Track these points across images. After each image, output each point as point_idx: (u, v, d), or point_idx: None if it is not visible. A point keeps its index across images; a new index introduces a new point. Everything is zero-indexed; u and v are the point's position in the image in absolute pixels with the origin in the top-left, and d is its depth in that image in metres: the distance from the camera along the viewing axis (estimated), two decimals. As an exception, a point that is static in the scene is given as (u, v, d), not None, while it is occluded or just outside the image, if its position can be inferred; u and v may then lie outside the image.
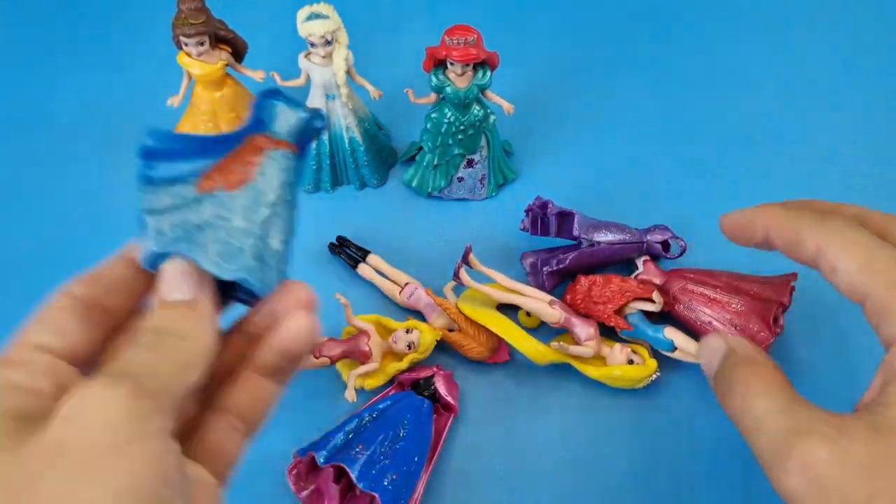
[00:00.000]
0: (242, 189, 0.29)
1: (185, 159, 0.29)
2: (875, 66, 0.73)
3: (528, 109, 0.68)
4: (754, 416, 0.26)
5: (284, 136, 0.30)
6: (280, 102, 0.30)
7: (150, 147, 0.28)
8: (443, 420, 0.48)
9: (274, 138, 0.30)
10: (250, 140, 0.30)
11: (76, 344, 0.27)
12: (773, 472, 0.25)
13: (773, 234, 0.30)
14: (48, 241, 0.60)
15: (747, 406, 0.27)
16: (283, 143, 0.30)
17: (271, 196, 0.29)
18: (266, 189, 0.29)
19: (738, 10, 0.80)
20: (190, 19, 0.54)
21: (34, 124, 0.68)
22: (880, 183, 0.64)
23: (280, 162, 0.30)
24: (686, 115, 0.70)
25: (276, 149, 0.29)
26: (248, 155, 0.29)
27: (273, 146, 0.29)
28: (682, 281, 0.52)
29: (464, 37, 0.52)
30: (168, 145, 0.29)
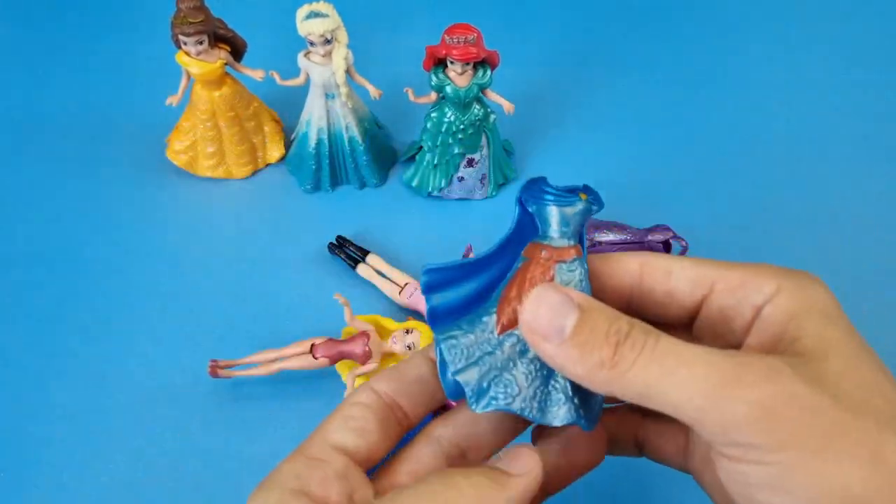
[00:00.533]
0: None
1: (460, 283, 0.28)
2: (877, 66, 0.73)
3: (529, 108, 0.68)
4: None
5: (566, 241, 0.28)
6: (552, 202, 0.28)
7: (429, 281, 0.28)
8: None
9: (556, 248, 0.28)
10: (531, 254, 0.28)
11: (372, 447, 0.26)
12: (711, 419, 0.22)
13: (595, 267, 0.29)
14: (46, 240, 0.59)
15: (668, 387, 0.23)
16: (568, 252, 0.27)
17: None
18: None
19: (739, 9, 0.80)
20: (189, 18, 0.54)
21: (31, 124, 0.68)
22: (881, 182, 0.64)
23: (571, 274, 0.27)
24: (687, 114, 0.69)
25: (563, 261, 0.27)
26: (538, 277, 0.27)
27: (559, 258, 0.27)
28: None
29: (464, 35, 0.52)
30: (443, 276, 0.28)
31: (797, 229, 0.60)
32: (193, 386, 0.51)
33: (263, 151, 0.64)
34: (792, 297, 0.25)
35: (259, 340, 0.53)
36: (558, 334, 0.24)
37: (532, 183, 0.29)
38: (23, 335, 0.54)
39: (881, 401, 0.22)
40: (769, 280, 0.26)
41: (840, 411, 0.21)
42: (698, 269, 0.27)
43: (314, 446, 0.26)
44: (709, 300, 0.27)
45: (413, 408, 0.28)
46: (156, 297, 0.56)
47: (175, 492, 0.47)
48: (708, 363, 0.22)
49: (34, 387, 0.51)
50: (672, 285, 0.27)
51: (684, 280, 0.27)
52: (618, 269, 0.28)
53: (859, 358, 0.24)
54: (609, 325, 0.24)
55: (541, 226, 0.28)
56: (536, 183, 0.29)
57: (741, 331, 0.26)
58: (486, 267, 0.28)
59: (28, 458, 0.48)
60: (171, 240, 0.59)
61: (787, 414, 0.21)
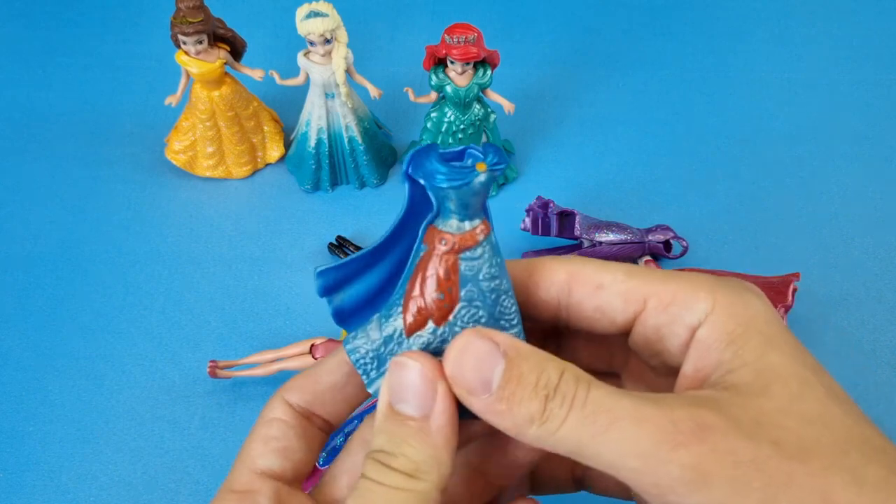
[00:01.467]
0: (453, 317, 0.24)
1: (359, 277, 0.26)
2: (879, 66, 0.73)
3: (529, 108, 0.68)
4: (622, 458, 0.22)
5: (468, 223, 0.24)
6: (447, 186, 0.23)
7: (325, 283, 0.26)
8: None
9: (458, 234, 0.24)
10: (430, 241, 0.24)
11: (298, 464, 0.25)
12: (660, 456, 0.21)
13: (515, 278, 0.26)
14: (45, 240, 0.59)
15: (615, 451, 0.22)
16: (471, 237, 0.24)
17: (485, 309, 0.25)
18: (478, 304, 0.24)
19: (740, 8, 0.80)
20: (188, 17, 0.53)
21: (30, 123, 0.68)
22: (882, 182, 0.64)
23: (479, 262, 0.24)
24: (688, 114, 0.69)
25: (467, 248, 0.24)
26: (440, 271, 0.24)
27: (462, 246, 0.24)
28: None
29: (464, 35, 0.52)
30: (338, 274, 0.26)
31: (797, 229, 0.60)
32: (193, 386, 0.51)
33: (263, 151, 0.64)
34: (728, 316, 0.23)
35: (258, 340, 0.53)
36: (485, 388, 0.22)
37: (420, 155, 0.24)
38: (22, 335, 0.54)
39: (827, 436, 0.21)
40: (703, 296, 0.24)
41: (782, 460, 0.20)
42: (630, 283, 0.25)
43: (240, 478, 0.24)
44: (642, 318, 0.25)
45: (332, 415, 0.27)
46: (155, 297, 0.56)
47: (174, 492, 0.47)
48: (639, 420, 0.21)
49: (34, 387, 0.51)
50: (602, 300, 0.25)
51: (615, 295, 0.25)
52: (544, 279, 0.26)
53: (805, 385, 0.22)
54: (538, 376, 0.22)
55: (436, 205, 0.24)
56: (425, 154, 0.24)
57: (678, 351, 0.24)
58: (385, 253, 0.26)
59: (28, 458, 0.48)
60: (171, 240, 0.59)
61: (724, 474, 0.20)
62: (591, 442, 0.21)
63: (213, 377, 0.50)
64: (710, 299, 0.24)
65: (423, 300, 0.25)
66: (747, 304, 0.24)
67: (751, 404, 0.21)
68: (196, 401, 0.51)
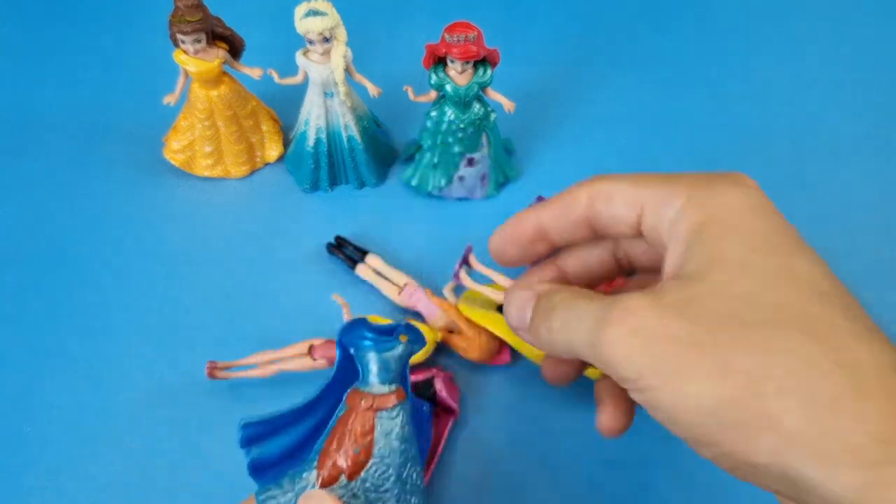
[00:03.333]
0: (365, 472, 0.27)
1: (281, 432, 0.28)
2: (879, 65, 0.73)
3: (530, 107, 0.68)
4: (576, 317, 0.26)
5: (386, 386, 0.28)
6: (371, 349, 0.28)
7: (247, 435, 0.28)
8: (443, 422, 0.48)
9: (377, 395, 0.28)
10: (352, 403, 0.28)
11: None
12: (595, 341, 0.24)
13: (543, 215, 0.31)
14: (43, 240, 0.59)
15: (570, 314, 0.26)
16: (388, 399, 0.28)
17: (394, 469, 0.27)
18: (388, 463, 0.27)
19: (741, 7, 0.80)
20: (187, 16, 0.53)
21: (27, 123, 0.67)
22: (884, 182, 0.63)
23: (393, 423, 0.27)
24: (689, 113, 0.69)
25: (384, 409, 0.28)
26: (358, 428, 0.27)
27: (379, 406, 0.28)
28: None
29: (464, 34, 0.52)
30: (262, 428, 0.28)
31: (801, 226, 0.60)
32: (191, 387, 0.51)
33: (262, 151, 0.64)
34: (696, 210, 0.25)
35: (257, 341, 0.53)
36: (524, 323, 0.28)
37: (351, 326, 0.29)
38: (20, 335, 0.53)
39: (749, 311, 0.23)
40: (680, 191, 0.26)
41: (697, 333, 0.22)
42: (632, 190, 0.27)
43: None
44: (643, 221, 0.27)
45: None
46: (153, 297, 0.56)
47: (172, 493, 0.47)
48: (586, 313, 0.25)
49: (32, 387, 0.51)
50: (613, 210, 0.28)
51: (621, 204, 0.28)
52: (571, 203, 0.30)
53: (744, 268, 0.24)
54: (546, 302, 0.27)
55: (361, 371, 0.28)
56: (355, 326, 0.29)
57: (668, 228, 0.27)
58: (310, 413, 0.28)
59: (25, 458, 0.48)
60: (169, 240, 0.59)
61: (644, 349, 0.23)
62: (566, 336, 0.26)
63: (211, 378, 0.49)
64: (684, 195, 0.26)
65: (339, 454, 0.27)
66: (719, 194, 0.26)
67: (686, 288, 0.24)
68: (194, 402, 0.50)
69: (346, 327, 0.29)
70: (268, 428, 0.29)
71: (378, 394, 0.28)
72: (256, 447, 0.28)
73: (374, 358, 0.28)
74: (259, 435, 0.28)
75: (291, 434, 0.29)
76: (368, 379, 0.28)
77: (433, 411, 0.47)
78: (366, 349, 0.28)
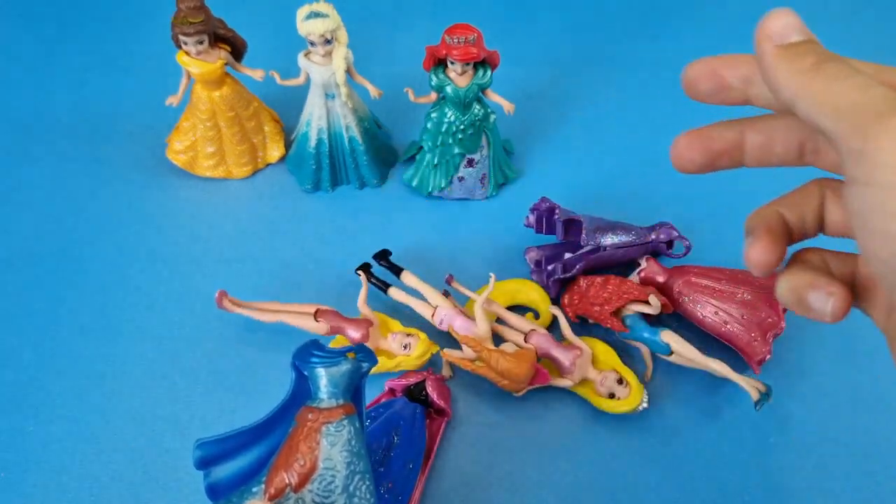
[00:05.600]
0: (311, 483, 0.27)
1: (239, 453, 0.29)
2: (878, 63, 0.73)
3: (529, 108, 0.68)
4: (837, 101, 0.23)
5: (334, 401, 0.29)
6: (318, 364, 0.29)
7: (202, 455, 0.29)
8: (436, 424, 0.48)
9: (324, 409, 0.29)
10: (301, 419, 0.29)
11: None
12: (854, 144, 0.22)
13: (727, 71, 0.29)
14: (46, 240, 0.59)
15: None
16: (335, 413, 0.29)
17: (340, 480, 0.28)
18: (334, 474, 0.28)
19: (740, 8, 0.80)
20: (189, 18, 0.54)
21: (31, 124, 0.68)
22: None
23: (338, 435, 0.28)
24: (688, 113, 0.69)
25: (330, 422, 0.29)
26: (304, 441, 0.28)
27: (325, 420, 0.29)
28: (686, 275, 0.52)
29: (464, 35, 0.52)
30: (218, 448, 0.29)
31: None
32: (193, 386, 0.51)
33: (263, 151, 0.64)
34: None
35: (258, 340, 0.53)
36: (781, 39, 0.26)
37: (303, 347, 0.30)
38: (24, 334, 0.54)
39: None
40: None
41: None
42: None
43: None
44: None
45: None
46: (155, 296, 0.56)
47: (174, 491, 0.47)
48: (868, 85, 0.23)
49: (35, 386, 0.51)
50: None
51: None
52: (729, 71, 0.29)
53: None
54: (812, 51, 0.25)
55: (312, 388, 0.29)
56: (305, 347, 0.30)
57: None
58: (267, 432, 0.29)
59: (28, 457, 0.48)
60: (171, 240, 0.59)
61: None
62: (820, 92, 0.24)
63: (218, 306, 0.51)
64: None
65: (287, 468, 0.28)
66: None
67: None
68: (196, 400, 0.51)
69: (298, 350, 0.30)
70: (223, 448, 0.29)
71: (325, 408, 0.29)
72: (214, 469, 0.29)
73: (321, 373, 0.29)
74: (215, 456, 0.29)
75: (248, 456, 0.30)
76: (318, 394, 0.29)
77: (426, 413, 0.48)
78: (314, 365, 0.29)
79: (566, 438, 0.49)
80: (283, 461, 0.28)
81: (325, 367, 0.29)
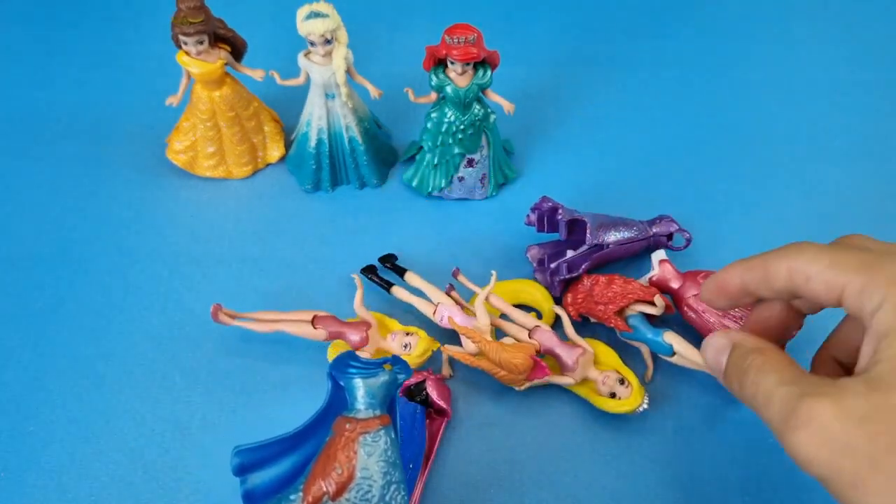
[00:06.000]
0: (348, 493, 0.28)
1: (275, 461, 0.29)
2: (878, 65, 0.73)
3: (529, 108, 0.68)
4: (765, 392, 0.28)
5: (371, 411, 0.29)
6: (356, 375, 0.29)
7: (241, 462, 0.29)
8: (436, 424, 0.48)
9: (361, 420, 0.29)
10: (338, 428, 0.29)
11: None
12: (783, 434, 0.26)
13: (747, 277, 0.32)
14: (46, 240, 0.59)
15: (759, 386, 0.28)
16: (372, 423, 0.29)
17: (377, 489, 0.28)
18: (371, 483, 0.28)
19: (740, 8, 0.80)
20: (189, 18, 0.54)
21: (31, 124, 0.68)
22: (881, 182, 0.64)
23: (375, 445, 0.29)
24: (688, 113, 0.69)
25: (367, 432, 0.29)
26: (342, 450, 0.28)
27: (363, 430, 0.29)
28: (697, 288, 0.51)
29: (464, 35, 0.52)
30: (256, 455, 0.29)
31: (797, 229, 0.60)
32: (193, 386, 0.51)
33: (263, 151, 0.64)
34: (891, 313, 0.26)
35: (258, 340, 0.53)
36: (719, 369, 0.32)
37: (339, 358, 0.30)
38: (22, 335, 0.54)
39: None
40: (881, 283, 0.27)
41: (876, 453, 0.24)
42: (831, 274, 0.28)
43: None
44: (844, 304, 0.28)
45: None
46: (155, 297, 0.56)
47: (175, 492, 0.47)
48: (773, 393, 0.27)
49: (34, 387, 0.51)
50: (812, 290, 0.29)
51: (821, 286, 0.29)
52: (771, 274, 0.31)
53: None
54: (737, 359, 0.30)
55: (348, 398, 0.30)
56: (343, 358, 0.30)
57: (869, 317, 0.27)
58: (303, 441, 0.29)
59: (29, 457, 0.48)
60: (171, 240, 0.59)
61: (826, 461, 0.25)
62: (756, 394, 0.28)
63: (214, 320, 0.50)
64: (881, 294, 0.26)
65: (324, 477, 0.28)
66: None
67: (872, 396, 0.25)
68: (196, 400, 0.51)
69: (336, 360, 0.30)
70: (260, 455, 0.29)
71: (363, 418, 0.29)
72: (251, 475, 0.29)
73: (359, 384, 0.29)
74: (252, 463, 0.29)
75: (283, 463, 0.30)
76: (355, 405, 0.30)
77: (426, 413, 0.48)
78: (351, 376, 0.29)
79: (566, 438, 0.49)
80: (321, 470, 0.28)
81: (363, 378, 0.29)
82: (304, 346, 0.52)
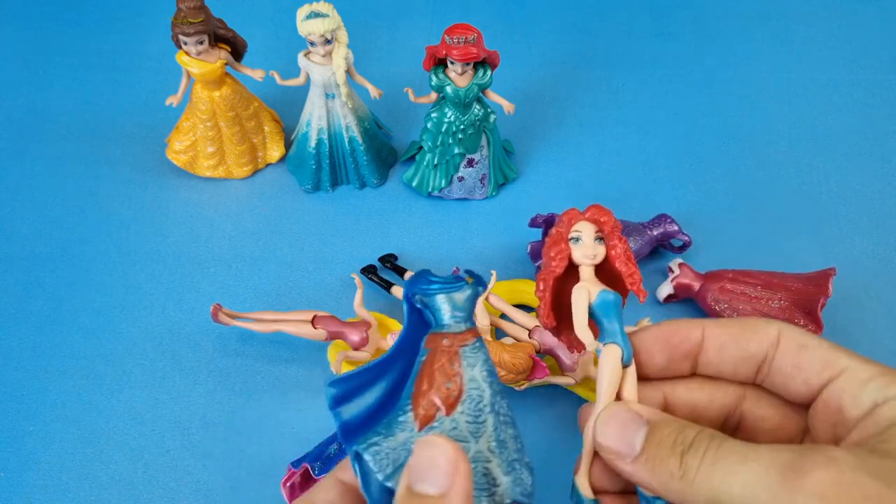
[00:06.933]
0: (460, 405, 0.27)
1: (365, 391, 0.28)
2: (877, 65, 0.73)
3: (529, 108, 0.68)
4: None
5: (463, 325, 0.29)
6: (440, 291, 0.28)
7: (337, 394, 0.28)
8: None
9: (459, 334, 0.28)
10: (433, 345, 0.28)
11: None
12: None
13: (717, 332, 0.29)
14: (46, 240, 0.59)
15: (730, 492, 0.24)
16: (467, 336, 0.28)
17: (487, 398, 0.28)
18: (481, 394, 0.28)
19: (740, 8, 0.80)
20: (189, 18, 0.54)
21: (32, 124, 0.68)
22: (881, 181, 0.64)
23: (475, 357, 0.28)
24: (687, 113, 0.69)
25: (465, 344, 0.28)
26: (446, 366, 0.28)
27: (461, 343, 0.28)
28: (721, 281, 0.52)
29: (464, 35, 0.52)
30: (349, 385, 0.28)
31: (797, 229, 0.60)
32: (193, 386, 0.51)
33: (263, 151, 0.64)
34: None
35: (258, 339, 0.53)
36: (630, 450, 0.26)
37: (416, 277, 0.29)
38: (23, 335, 0.54)
39: None
40: (888, 375, 0.26)
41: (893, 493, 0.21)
42: (832, 353, 0.27)
43: None
44: (834, 383, 0.27)
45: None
46: (155, 297, 0.56)
47: (174, 491, 0.47)
48: (769, 459, 0.23)
49: (34, 387, 0.51)
50: (804, 359, 0.27)
51: (817, 358, 0.27)
52: (758, 333, 0.28)
53: None
54: (675, 437, 0.25)
55: (434, 316, 0.29)
56: (421, 276, 0.29)
57: (853, 422, 0.26)
58: (390, 367, 0.29)
59: (28, 457, 0.48)
60: (171, 240, 0.59)
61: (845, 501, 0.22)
62: (723, 484, 0.23)
63: (214, 320, 0.50)
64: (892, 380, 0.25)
65: (432, 393, 0.27)
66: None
67: (884, 462, 0.22)
68: (196, 400, 0.51)
69: (412, 280, 0.29)
70: (354, 384, 0.28)
71: (456, 332, 0.28)
72: (345, 405, 0.28)
73: (444, 299, 0.28)
74: (346, 393, 0.28)
75: (377, 388, 0.29)
76: (443, 321, 0.29)
77: None
78: (434, 292, 0.28)
79: (566, 439, 0.49)
80: (427, 387, 0.27)
81: (446, 293, 0.28)
82: (304, 346, 0.52)
